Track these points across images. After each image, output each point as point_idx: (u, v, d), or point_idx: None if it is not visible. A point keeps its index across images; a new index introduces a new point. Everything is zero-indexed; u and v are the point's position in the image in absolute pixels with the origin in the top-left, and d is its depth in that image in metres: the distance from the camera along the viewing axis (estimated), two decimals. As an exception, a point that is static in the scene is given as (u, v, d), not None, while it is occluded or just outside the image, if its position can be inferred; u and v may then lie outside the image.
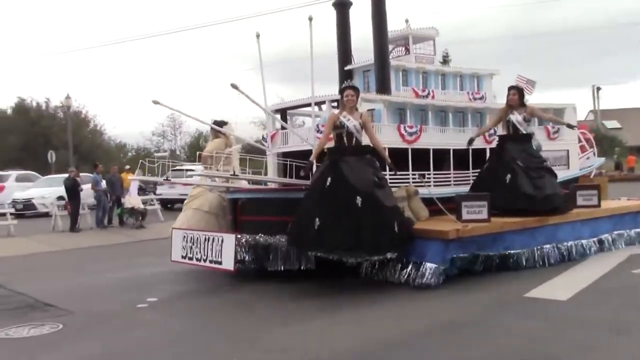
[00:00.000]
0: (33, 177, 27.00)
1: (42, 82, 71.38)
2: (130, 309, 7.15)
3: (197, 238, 8.31)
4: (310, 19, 8.40)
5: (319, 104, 8.82)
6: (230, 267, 7.79)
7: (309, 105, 8.96)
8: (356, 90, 7.86)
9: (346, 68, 10.44)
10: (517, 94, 9.40)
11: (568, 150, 11.96)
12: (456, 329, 5.68)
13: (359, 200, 7.22)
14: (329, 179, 7.46)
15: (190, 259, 8.41)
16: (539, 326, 5.62)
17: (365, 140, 7.79)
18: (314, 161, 7.89)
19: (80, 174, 18.73)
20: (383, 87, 9.69)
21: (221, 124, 10.12)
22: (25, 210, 22.41)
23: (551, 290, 7.10)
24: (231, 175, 7.59)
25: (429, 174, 9.48)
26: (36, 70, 74.13)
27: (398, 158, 9.09)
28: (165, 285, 8.58)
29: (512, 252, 8.32)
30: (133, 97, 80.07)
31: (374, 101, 9.34)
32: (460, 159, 10.19)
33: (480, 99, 11.02)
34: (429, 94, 10.30)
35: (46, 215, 20.49)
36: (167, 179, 8.01)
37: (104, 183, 17.64)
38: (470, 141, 9.35)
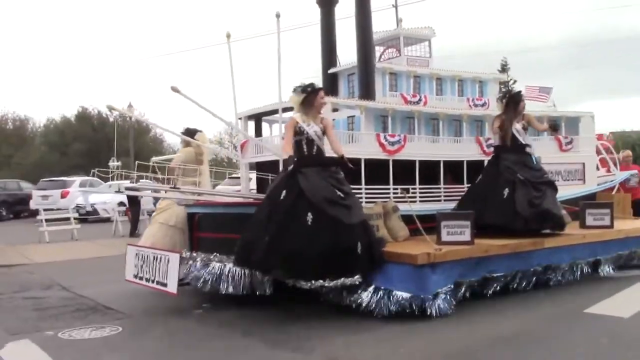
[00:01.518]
0: (96, 182, 27.02)
1: (104, 90, 73.20)
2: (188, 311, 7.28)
3: (147, 256, 7.55)
4: (278, 15, 7.61)
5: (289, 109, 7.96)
6: (173, 290, 7.01)
7: (284, 111, 8.10)
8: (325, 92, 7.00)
9: (330, 71, 9.57)
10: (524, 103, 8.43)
11: (584, 164, 10.78)
12: (520, 343, 5.62)
13: (309, 217, 6.35)
14: (284, 191, 6.62)
15: (141, 278, 7.65)
16: (601, 342, 5.53)
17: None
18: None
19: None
20: (367, 92, 8.78)
21: (194, 132, 9.40)
22: (88, 216, 23.64)
23: (612, 307, 6.86)
24: (171, 187, 6.78)
25: (414, 189, 8.49)
26: (99, 79, 75.81)
27: (377, 170, 8.16)
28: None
29: (496, 275, 7.31)
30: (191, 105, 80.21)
31: (354, 107, 8.42)
32: (455, 172, 9.19)
33: (482, 105, 9.98)
34: (420, 100, 9.32)
35: (108, 220, 21.77)
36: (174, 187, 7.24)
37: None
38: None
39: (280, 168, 7.11)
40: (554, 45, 72.47)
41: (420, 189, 8.56)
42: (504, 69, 44.05)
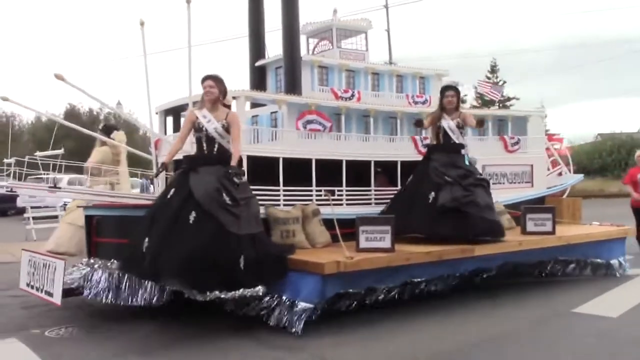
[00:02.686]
0: (85, 180, 25.95)
1: (94, 89, 71.13)
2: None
3: (38, 263, 6.84)
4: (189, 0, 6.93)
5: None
6: (57, 300, 6.31)
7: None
8: (219, 81, 6.30)
9: (257, 64, 8.91)
10: (455, 96, 7.79)
11: (532, 165, 10.23)
12: (506, 343, 5.60)
13: (192, 216, 5.68)
14: (172, 190, 5.98)
15: (32, 287, 6.93)
16: (588, 342, 5.54)
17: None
18: (163, 169, 6.40)
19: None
20: (292, 86, 8.14)
21: (110, 128, 8.70)
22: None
23: (601, 307, 6.86)
24: (50, 187, 6.07)
25: (340, 190, 7.85)
26: (87, 77, 73.70)
27: (299, 170, 7.52)
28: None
29: (417, 280, 6.72)
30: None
31: (272, 102, 7.76)
32: (388, 173, 8.59)
33: (423, 103, 9.39)
34: (353, 95, 8.69)
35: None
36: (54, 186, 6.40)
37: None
38: (419, 123, 7.97)
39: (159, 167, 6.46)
40: (543, 47, 72.63)
41: (347, 190, 7.92)
42: (493, 70, 43.91)
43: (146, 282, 6.15)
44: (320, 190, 7.59)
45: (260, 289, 5.87)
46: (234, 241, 5.74)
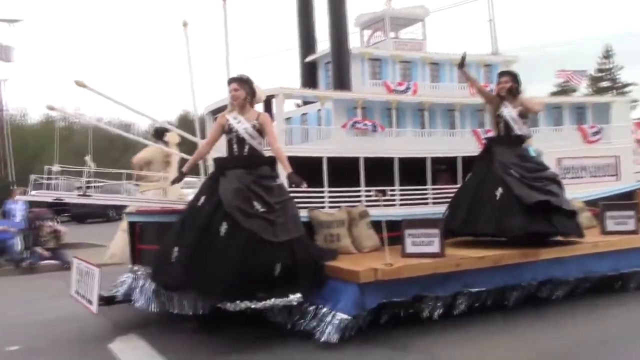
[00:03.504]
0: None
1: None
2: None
3: (83, 270, 6.83)
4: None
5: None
6: (94, 309, 6.24)
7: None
8: (244, 82, 6.00)
9: (307, 60, 8.54)
10: (510, 81, 7.07)
11: (617, 157, 9.22)
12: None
13: (224, 227, 5.41)
14: (203, 197, 5.72)
15: (78, 294, 6.94)
16: None
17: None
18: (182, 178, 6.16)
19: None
20: (341, 81, 7.71)
21: (162, 131, 8.62)
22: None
23: None
24: (79, 194, 5.97)
25: (392, 190, 7.34)
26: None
27: (347, 169, 7.09)
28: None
29: (472, 290, 6.10)
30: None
31: (315, 98, 7.36)
32: (452, 170, 7.97)
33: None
34: (408, 88, 8.14)
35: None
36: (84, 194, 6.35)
37: None
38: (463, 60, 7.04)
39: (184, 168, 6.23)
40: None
41: (400, 190, 7.39)
42: (607, 55, 41.37)
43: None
44: (370, 191, 7.11)
45: (293, 299, 5.50)
46: (269, 249, 5.41)
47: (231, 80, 6.01)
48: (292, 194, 6.56)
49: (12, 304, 8.01)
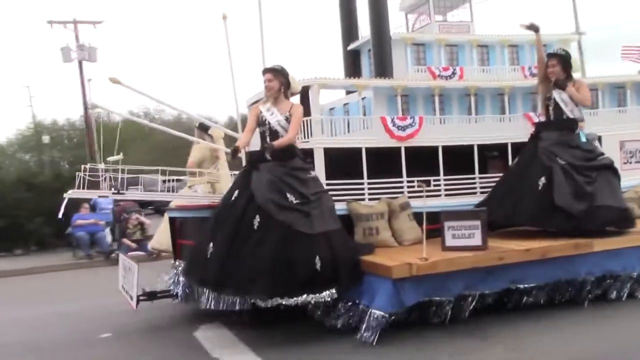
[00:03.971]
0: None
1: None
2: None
3: (126, 266, 6.92)
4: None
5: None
6: (133, 304, 6.31)
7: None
8: (278, 72, 5.86)
9: (349, 47, 8.30)
10: (558, 63, 6.62)
11: None
12: None
13: (257, 221, 5.30)
14: (236, 191, 5.65)
15: (124, 289, 7.04)
16: None
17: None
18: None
19: None
20: (382, 68, 7.47)
21: (206, 128, 8.63)
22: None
23: None
24: (114, 192, 5.99)
25: (437, 180, 7.04)
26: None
27: (386, 161, 6.84)
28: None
29: (522, 286, 5.75)
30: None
31: (352, 87, 7.11)
32: (498, 157, 7.58)
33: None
34: (454, 73, 7.77)
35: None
36: (118, 192, 6.39)
37: None
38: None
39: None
40: None
41: (445, 180, 7.07)
42: None
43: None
44: (413, 182, 6.84)
45: (325, 295, 5.34)
46: (306, 241, 5.30)
47: (265, 71, 5.90)
48: (330, 187, 6.44)
49: (103, 293, 8.29)
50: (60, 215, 6.50)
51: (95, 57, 21.56)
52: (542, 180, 6.31)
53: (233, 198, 5.61)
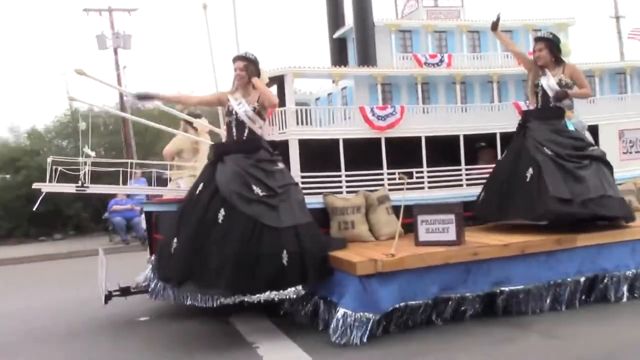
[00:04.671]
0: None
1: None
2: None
3: (102, 260, 6.80)
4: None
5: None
6: (102, 299, 6.20)
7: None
8: (250, 61, 5.66)
9: (335, 36, 8.03)
10: (545, 47, 6.29)
11: None
12: None
13: (221, 214, 5.12)
14: (201, 184, 5.47)
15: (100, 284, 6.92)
16: None
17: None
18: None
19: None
20: (364, 56, 7.19)
21: (195, 116, 8.46)
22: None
23: None
24: (78, 186, 5.85)
25: (419, 172, 6.77)
26: None
27: (366, 152, 6.60)
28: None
29: (506, 289, 5.44)
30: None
31: (329, 77, 6.86)
32: (487, 148, 7.27)
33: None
34: (442, 60, 7.46)
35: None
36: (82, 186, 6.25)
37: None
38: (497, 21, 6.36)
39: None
40: None
41: (429, 172, 6.80)
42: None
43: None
44: (394, 174, 6.59)
45: (291, 291, 5.13)
46: (273, 235, 5.10)
47: (237, 58, 5.70)
48: (306, 180, 6.23)
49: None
50: (34, 209, 6.43)
51: (129, 44, 21.52)
52: (530, 171, 5.99)
53: (197, 191, 5.43)
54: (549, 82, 6.21)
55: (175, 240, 5.25)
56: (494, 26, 6.37)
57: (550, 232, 5.71)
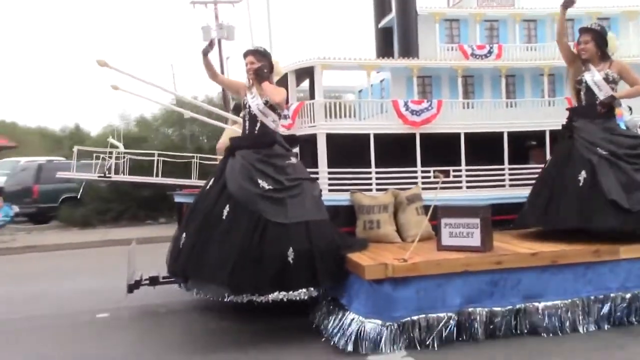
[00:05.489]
0: None
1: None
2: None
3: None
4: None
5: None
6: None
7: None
8: (261, 55, 5.49)
9: (380, 25, 7.70)
10: (592, 40, 5.70)
11: None
12: None
13: (226, 210, 5.00)
14: (212, 180, 5.38)
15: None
16: None
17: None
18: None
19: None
20: (405, 46, 6.85)
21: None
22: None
23: None
24: (100, 175, 5.88)
25: (457, 170, 6.38)
26: None
27: (400, 149, 6.29)
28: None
29: (538, 304, 4.98)
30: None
31: (359, 68, 6.53)
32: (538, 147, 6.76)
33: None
34: (490, 51, 6.98)
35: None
36: (105, 176, 6.34)
37: None
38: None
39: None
40: None
41: (468, 170, 6.39)
42: None
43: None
44: (428, 172, 6.24)
45: (302, 292, 4.94)
46: (279, 232, 4.91)
47: (247, 53, 5.55)
48: (333, 176, 6.02)
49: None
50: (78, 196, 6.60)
51: (233, 35, 22.04)
52: (583, 174, 5.44)
53: (208, 186, 5.34)
54: (594, 77, 5.64)
55: (184, 234, 5.19)
56: (568, 2, 5.71)
57: (595, 240, 5.20)
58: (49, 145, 39.00)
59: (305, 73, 6.29)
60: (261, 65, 5.39)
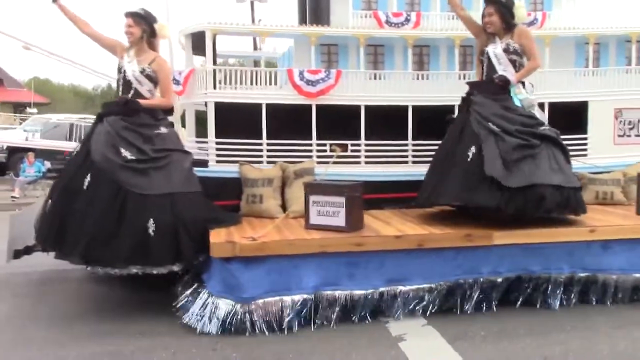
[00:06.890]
0: None
1: None
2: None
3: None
4: None
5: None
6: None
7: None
8: (141, 18, 5.19)
9: (301, -10, 7.34)
10: (496, 12, 5.34)
11: None
12: None
13: (87, 180, 4.78)
14: (79, 147, 5.17)
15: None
16: None
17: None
18: None
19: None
20: (315, 13, 6.51)
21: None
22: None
23: None
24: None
25: (355, 145, 6.09)
26: None
27: (296, 120, 6.00)
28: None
29: (401, 288, 4.74)
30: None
31: (251, 34, 6.22)
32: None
33: (531, 23, 6.78)
34: (408, 20, 6.60)
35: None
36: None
37: None
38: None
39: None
40: None
41: (367, 145, 6.11)
42: None
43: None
44: (324, 145, 5.97)
45: (161, 267, 4.73)
46: (139, 203, 4.68)
47: (126, 15, 5.24)
48: (222, 147, 5.78)
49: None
50: None
51: None
52: (472, 149, 5.12)
53: (75, 153, 5.12)
54: (496, 49, 5.30)
55: (49, 202, 4.99)
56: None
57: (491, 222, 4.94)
58: (81, 103, 39.15)
59: (194, 37, 5.99)
60: (141, 30, 5.12)
